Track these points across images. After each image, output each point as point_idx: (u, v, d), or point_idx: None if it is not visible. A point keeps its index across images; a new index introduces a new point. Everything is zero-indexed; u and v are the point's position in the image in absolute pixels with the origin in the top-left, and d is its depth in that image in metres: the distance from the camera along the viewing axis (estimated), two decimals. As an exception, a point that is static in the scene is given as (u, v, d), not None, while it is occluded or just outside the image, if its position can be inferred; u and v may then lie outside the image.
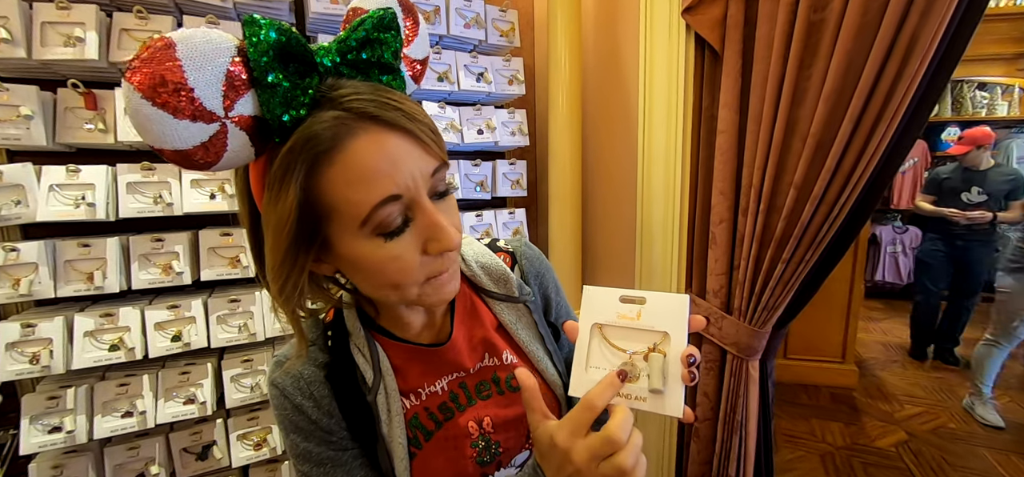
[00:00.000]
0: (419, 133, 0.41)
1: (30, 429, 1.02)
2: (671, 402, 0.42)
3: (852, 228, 1.05)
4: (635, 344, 0.45)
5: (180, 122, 0.34)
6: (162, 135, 0.34)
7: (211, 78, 0.35)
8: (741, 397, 1.18)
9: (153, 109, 0.33)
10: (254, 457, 1.21)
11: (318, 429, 0.52)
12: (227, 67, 0.36)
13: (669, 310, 0.44)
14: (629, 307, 0.45)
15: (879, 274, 4.37)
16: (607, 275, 1.59)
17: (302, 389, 0.52)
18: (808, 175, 1.02)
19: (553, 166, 1.49)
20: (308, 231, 0.41)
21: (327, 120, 0.39)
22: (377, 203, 0.40)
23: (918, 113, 0.95)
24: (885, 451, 2.23)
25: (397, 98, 0.41)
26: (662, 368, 0.42)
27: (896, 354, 3.34)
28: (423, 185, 0.42)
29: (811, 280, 1.10)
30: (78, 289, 1.03)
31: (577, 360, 0.45)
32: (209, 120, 0.35)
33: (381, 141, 0.40)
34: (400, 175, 0.40)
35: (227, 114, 0.36)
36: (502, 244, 0.64)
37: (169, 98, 0.34)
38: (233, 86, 0.36)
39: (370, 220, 0.40)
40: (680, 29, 1.24)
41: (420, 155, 0.42)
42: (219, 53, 0.35)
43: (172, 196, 1.09)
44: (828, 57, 0.98)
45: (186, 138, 0.35)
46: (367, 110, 0.39)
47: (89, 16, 0.99)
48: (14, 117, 0.97)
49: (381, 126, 0.40)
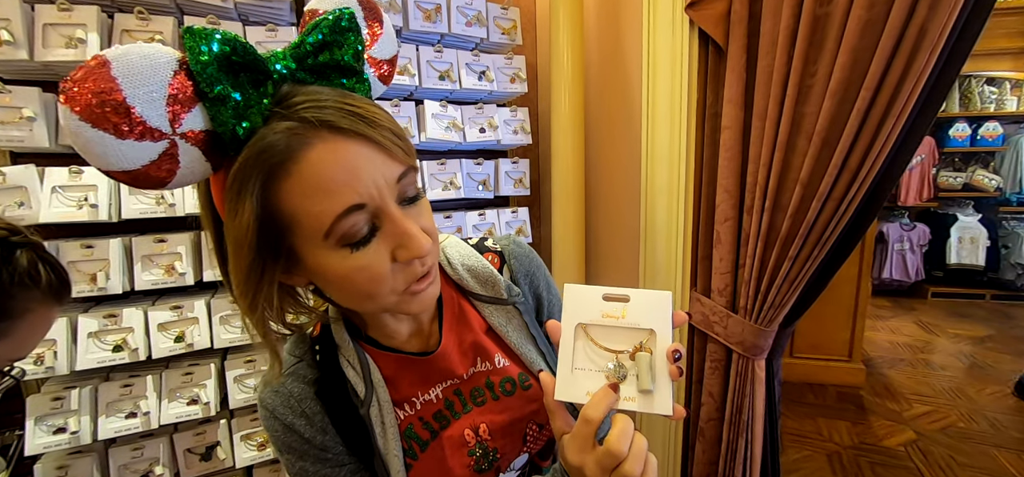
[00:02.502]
0: (380, 139, 0.39)
1: (35, 430, 1.02)
2: (660, 400, 0.41)
3: (859, 226, 1.04)
4: (620, 343, 0.44)
5: (123, 142, 0.33)
6: (105, 156, 0.33)
7: (152, 95, 0.33)
8: (747, 397, 1.17)
9: (93, 131, 0.32)
10: (258, 457, 1.21)
11: (312, 447, 0.51)
12: (168, 81, 0.34)
13: (653, 307, 0.44)
14: (613, 306, 0.44)
15: (886, 272, 4.33)
16: (611, 274, 1.58)
17: (293, 407, 0.50)
18: (814, 172, 1.01)
19: (556, 164, 1.48)
20: (271, 244, 0.40)
21: (280, 130, 0.37)
22: (339, 214, 0.38)
23: (926, 109, 0.94)
24: (893, 451, 2.20)
25: (357, 102, 0.39)
26: (650, 367, 0.42)
27: (904, 353, 3.30)
28: (388, 192, 0.40)
29: (818, 278, 1.09)
30: (81, 290, 1.03)
31: (562, 361, 0.44)
32: (156, 138, 0.34)
33: (338, 150, 0.38)
34: (361, 184, 0.38)
35: (175, 130, 0.35)
36: (490, 243, 0.62)
37: (109, 118, 0.32)
38: (177, 100, 0.35)
39: (333, 232, 0.39)
40: (683, 25, 1.22)
41: (383, 161, 0.40)
42: (158, 68, 0.34)
43: (174, 196, 1.09)
44: (834, 52, 0.96)
45: (132, 158, 0.34)
46: (322, 118, 0.37)
47: (90, 18, 0.99)
48: (17, 119, 0.97)
49: (338, 134, 0.38)
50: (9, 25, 0.94)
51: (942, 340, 3.52)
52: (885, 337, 3.60)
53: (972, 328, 3.73)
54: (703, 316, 1.27)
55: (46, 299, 0.66)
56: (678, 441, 1.39)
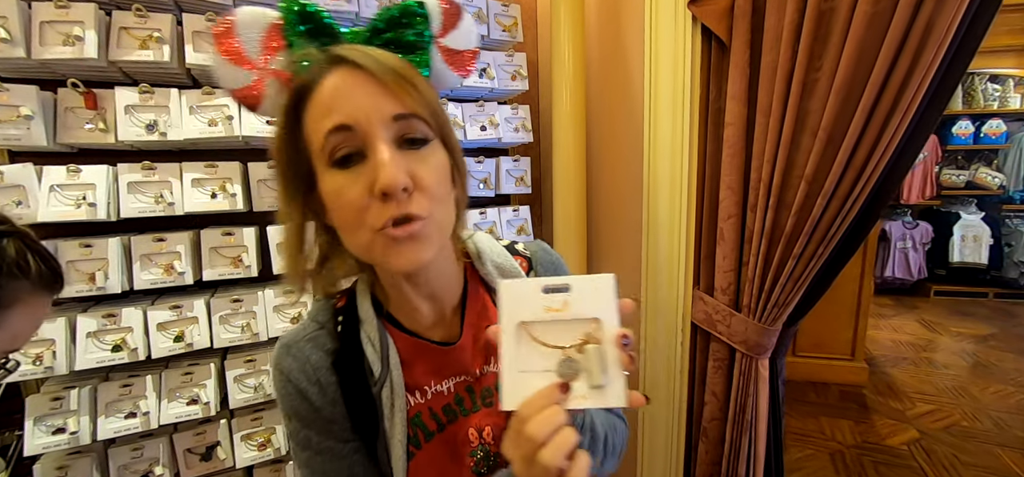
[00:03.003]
0: (381, 75, 0.43)
1: (34, 430, 1.01)
2: (613, 393, 0.39)
3: (864, 224, 1.03)
4: (566, 337, 0.41)
5: (231, 66, 0.47)
6: (223, 76, 0.48)
7: (253, 40, 0.47)
8: (751, 396, 1.16)
9: (219, 58, 0.47)
10: (258, 457, 1.21)
11: (320, 417, 0.51)
12: (264, 32, 0.47)
13: (596, 293, 0.41)
14: (554, 297, 0.41)
15: (889, 270, 4.32)
16: (613, 271, 1.56)
17: (308, 374, 0.51)
18: (819, 169, 1.00)
19: (557, 162, 1.47)
20: (296, 160, 0.46)
21: (315, 65, 0.45)
22: (329, 130, 0.43)
23: (932, 106, 0.93)
24: (896, 449, 2.19)
25: (381, 52, 0.45)
26: (600, 359, 0.40)
27: (906, 351, 3.29)
28: (380, 124, 0.43)
29: (822, 277, 1.08)
30: (80, 290, 1.02)
31: (505, 366, 0.41)
32: (252, 68, 0.47)
33: (346, 78, 0.43)
34: (351, 107, 0.43)
35: (265, 65, 0.47)
36: (520, 247, 0.63)
37: (228, 51, 0.47)
38: (269, 46, 0.47)
39: (325, 148, 0.43)
40: (686, 21, 1.21)
41: (380, 95, 0.43)
42: (260, 24, 0.47)
43: (173, 196, 1.08)
44: (839, 47, 0.95)
45: (236, 79, 0.47)
46: (340, 54, 0.44)
47: (88, 15, 0.98)
48: (14, 117, 0.96)
49: (351, 67, 0.43)
50: (6, 22, 0.93)
51: (945, 339, 3.51)
52: (888, 336, 3.59)
53: (975, 327, 3.72)
54: (706, 315, 1.26)
55: (36, 289, 0.65)
56: (681, 440, 1.38)
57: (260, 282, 1.24)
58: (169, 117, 1.07)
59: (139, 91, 1.05)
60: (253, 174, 1.17)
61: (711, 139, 1.24)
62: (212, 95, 1.11)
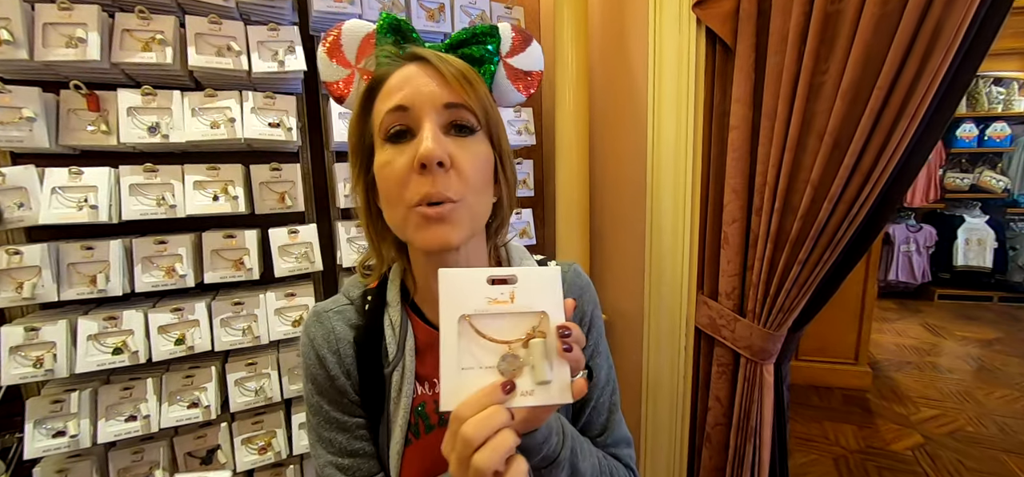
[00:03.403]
0: (440, 66, 0.49)
1: (34, 433, 1.01)
2: (557, 388, 0.38)
3: (871, 228, 1.02)
4: (511, 331, 0.39)
5: (332, 63, 0.57)
6: (324, 69, 0.57)
7: (352, 44, 0.56)
8: (755, 402, 1.15)
9: (323, 55, 0.57)
10: (259, 461, 1.20)
11: (333, 387, 0.55)
12: (361, 38, 0.56)
13: (543, 286, 0.40)
14: (500, 289, 0.40)
15: (892, 274, 4.30)
16: (616, 276, 1.56)
17: (330, 343, 0.55)
18: (825, 173, 0.99)
19: (560, 165, 1.47)
20: (364, 141, 0.53)
21: (390, 62, 0.51)
22: (388, 109, 0.48)
23: (941, 109, 0.92)
24: (901, 455, 2.17)
25: (447, 55, 0.51)
26: (545, 354, 0.38)
27: (910, 355, 3.27)
28: (432, 108, 0.48)
29: (828, 282, 1.06)
30: (81, 292, 1.02)
31: (445, 362, 0.38)
32: (346, 66, 0.57)
33: (411, 69, 0.49)
34: (410, 90, 0.48)
35: (356, 65, 0.56)
36: (552, 265, 0.63)
37: (332, 50, 0.57)
38: (363, 50, 0.56)
39: (383, 126, 0.49)
40: (690, 23, 1.20)
41: (437, 83, 0.48)
42: (359, 32, 0.56)
43: (175, 198, 1.08)
44: (846, 50, 0.94)
45: (333, 74, 0.57)
46: (413, 51, 0.51)
47: (91, 17, 0.98)
48: (16, 119, 0.96)
49: (417, 62, 0.50)
50: (9, 24, 0.93)
51: (949, 343, 3.49)
52: (891, 339, 3.57)
53: (980, 331, 3.69)
54: (710, 319, 1.25)
55: None
56: (684, 446, 1.37)
57: (261, 285, 1.23)
58: (171, 119, 1.06)
59: (141, 93, 1.04)
60: (255, 176, 1.17)
61: (715, 142, 1.23)
62: (214, 97, 1.10)
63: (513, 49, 0.59)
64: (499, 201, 0.55)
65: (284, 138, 1.15)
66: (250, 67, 1.11)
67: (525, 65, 0.60)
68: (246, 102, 1.13)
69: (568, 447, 0.49)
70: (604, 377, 0.63)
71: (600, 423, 0.62)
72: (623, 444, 0.63)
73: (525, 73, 0.60)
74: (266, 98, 1.14)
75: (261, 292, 1.18)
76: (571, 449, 0.49)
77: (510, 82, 0.59)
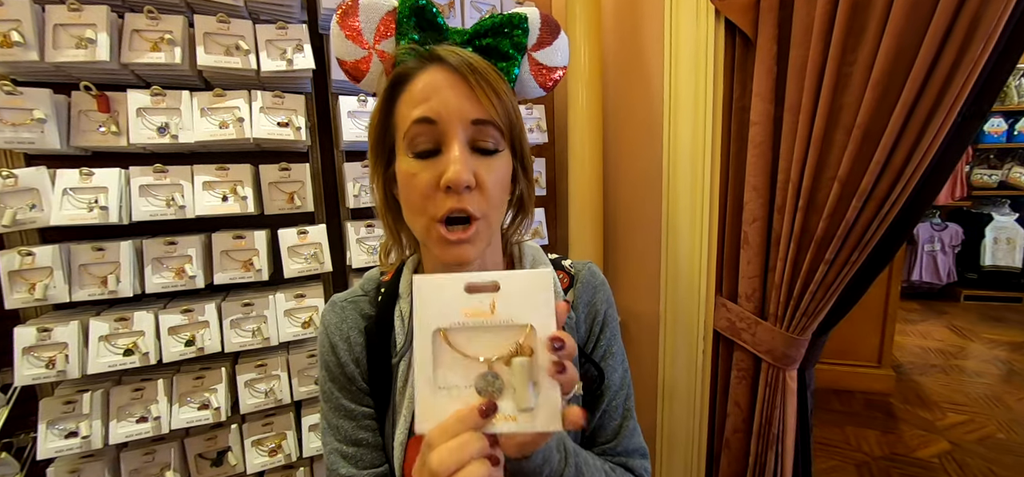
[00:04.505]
0: (473, 81, 0.47)
1: (47, 434, 1.01)
2: (545, 415, 0.33)
3: (902, 228, 0.97)
4: (493, 347, 0.35)
5: (348, 41, 0.53)
6: (339, 46, 0.53)
7: (370, 23, 0.53)
8: (777, 408, 1.11)
9: (337, 28, 0.53)
10: (269, 463, 1.19)
11: (343, 374, 0.56)
12: (380, 18, 0.53)
13: (529, 293, 0.34)
14: (479, 299, 0.35)
15: (916, 274, 4.16)
16: (631, 277, 1.52)
17: (342, 331, 0.57)
18: (854, 170, 0.94)
19: (573, 163, 1.43)
20: (384, 138, 0.52)
21: (415, 59, 0.49)
22: (415, 119, 0.47)
23: (980, 102, 0.87)
24: (927, 462, 2.09)
25: (476, 58, 0.49)
26: (528, 374, 0.33)
27: (935, 358, 3.16)
28: (459, 124, 0.47)
29: (855, 284, 1.02)
30: (92, 293, 1.02)
31: (419, 381, 0.34)
32: (363, 46, 0.53)
33: (438, 75, 0.48)
34: (437, 102, 0.47)
35: (374, 45, 0.53)
36: (567, 264, 0.64)
37: (349, 26, 0.53)
38: (381, 31, 0.53)
39: (408, 134, 0.48)
40: (708, 15, 1.16)
41: (466, 97, 0.47)
42: (378, 10, 0.53)
43: (184, 198, 1.07)
44: (876, 40, 0.89)
45: (349, 53, 0.54)
46: (439, 53, 0.48)
47: (100, 17, 0.97)
48: (28, 121, 0.96)
49: (443, 66, 0.48)
50: (20, 26, 0.93)
51: (977, 345, 3.36)
52: (915, 342, 3.45)
53: (1009, 333, 3.56)
54: (729, 322, 1.21)
55: None
56: (702, 452, 1.33)
57: (271, 286, 1.22)
58: (180, 119, 1.06)
59: (150, 94, 1.04)
60: (264, 177, 1.16)
61: (735, 139, 1.19)
62: (223, 97, 1.09)
63: (540, 42, 0.57)
64: (521, 197, 0.57)
65: (293, 138, 1.13)
66: (259, 66, 1.10)
67: (550, 59, 0.58)
68: (255, 101, 1.12)
69: (571, 465, 0.46)
70: (618, 380, 0.60)
71: (612, 428, 0.59)
72: (636, 454, 0.60)
73: (549, 68, 0.58)
74: (275, 97, 1.13)
75: (271, 293, 1.17)
76: (575, 467, 0.47)
77: (533, 77, 0.58)
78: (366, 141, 0.55)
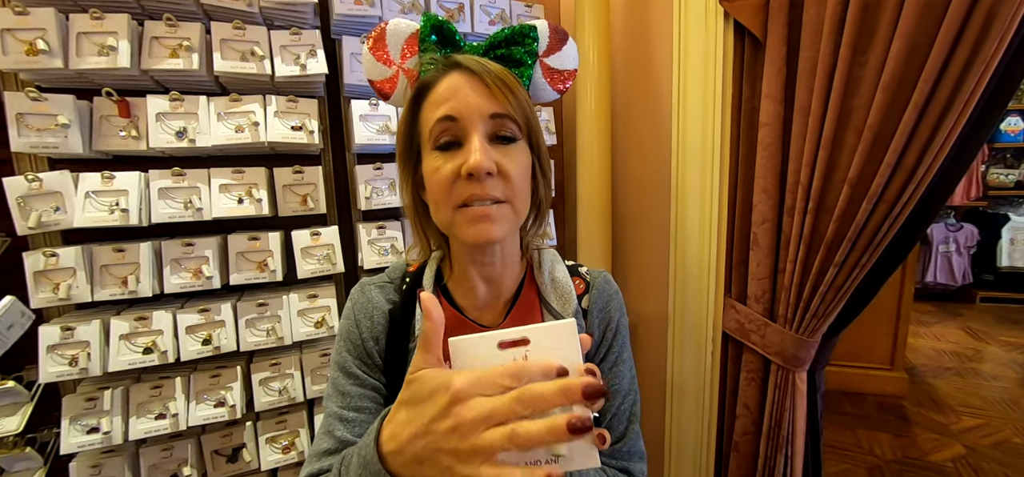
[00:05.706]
0: (486, 77, 0.52)
1: (70, 429, 1.04)
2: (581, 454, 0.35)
3: (914, 230, 0.96)
4: None
5: (378, 63, 0.60)
6: (369, 66, 0.60)
7: (397, 43, 0.60)
8: (787, 411, 1.10)
9: (368, 54, 0.60)
10: (283, 460, 1.22)
11: (362, 348, 0.59)
12: (405, 39, 0.60)
13: (559, 341, 0.37)
14: (511, 354, 0.38)
15: (930, 275, 4.10)
16: (639, 279, 1.52)
17: (367, 310, 0.61)
18: (864, 171, 0.94)
19: (581, 165, 1.44)
20: (411, 143, 0.57)
21: (437, 68, 0.55)
22: (437, 119, 0.52)
23: (993, 103, 0.86)
24: (941, 466, 2.07)
25: (489, 63, 0.53)
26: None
27: (950, 361, 3.11)
28: (478, 118, 0.51)
29: (866, 286, 1.01)
30: (113, 293, 1.05)
31: None
32: (389, 65, 0.60)
33: (457, 79, 0.52)
34: (458, 102, 0.51)
35: (401, 64, 0.60)
36: (583, 271, 0.67)
37: (378, 48, 0.60)
38: (406, 51, 0.59)
39: (432, 133, 0.52)
40: (717, 16, 1.16)
41: (483, 94, 0.52)
42: (403, 32, 0.60)
43: (201, 201, 1.09)
44: (887, 40, 0.89)
45: (378, 73, 0.60)
46: (458, 60, 0.54)
47: (121, 25, 1.00)
48: (52, 126, 0.99)
49: (462, 71, 0.53)
50: (45, 35, 0.96)
51: (993, 348, 3.30)
52: (929, 344, 3.40)
53: (1026, 336, 3.49)
54: (738, 324, 1.21)
55: None
56: (711, 454, 1.33)
57: (285, 286, 1.25)
58: (198, 124, 1.08)
59: (169, 99, 1.07)
60: (278, 179, 1.18)
61: (744, 140, 1.18)
62: (239, 102, 1.12)
63: (550, 48, 0.62)
64: (540, 199, 0.60)
65: (306, 141, 1.16)
66: (273, 71, 1.12)
67: (560, 64, 0.63)
68: (269, 106, 1.14)
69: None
70: (626, 385, 0.64)
71: (618, 431, 0.63)
72: (636, 458, 0.63)
73: (560, 71, 0.63)
74: (289, 102, 1.15)
75: (284, 293, 1.19)
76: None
77: (546, 81, 0.63)
78: (378, 144, 0.58)
